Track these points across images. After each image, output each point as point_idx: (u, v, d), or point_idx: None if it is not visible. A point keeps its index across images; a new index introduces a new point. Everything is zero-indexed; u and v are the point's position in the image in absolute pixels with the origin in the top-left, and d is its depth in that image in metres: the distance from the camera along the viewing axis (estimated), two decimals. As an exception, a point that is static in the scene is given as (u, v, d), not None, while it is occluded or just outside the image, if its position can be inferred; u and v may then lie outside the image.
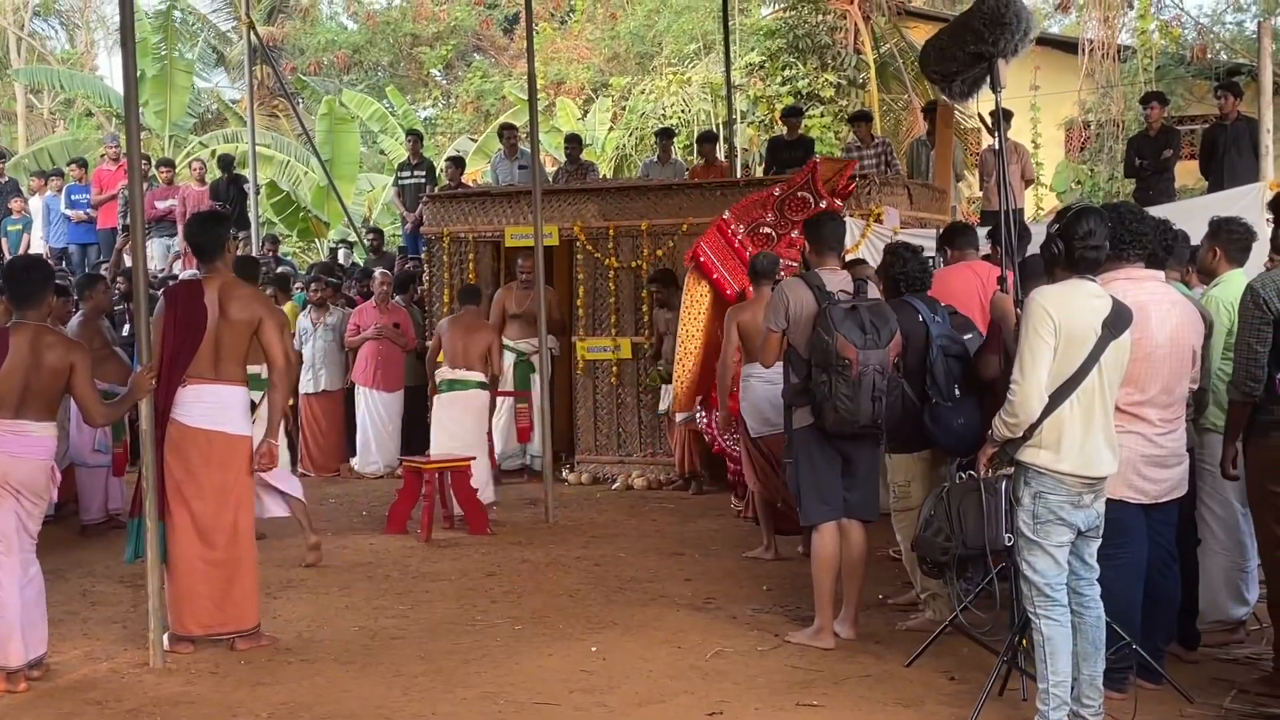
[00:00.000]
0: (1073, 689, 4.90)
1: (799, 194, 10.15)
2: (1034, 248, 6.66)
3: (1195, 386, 5.63)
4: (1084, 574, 4.99)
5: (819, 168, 10.28)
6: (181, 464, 6.36)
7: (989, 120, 12.07)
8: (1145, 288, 5.28)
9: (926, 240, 8.95)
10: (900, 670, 5.95)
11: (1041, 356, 4.82)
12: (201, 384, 6.39)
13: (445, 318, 11.08)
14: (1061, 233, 4.97)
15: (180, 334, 6.36)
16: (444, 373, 10.33)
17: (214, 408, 6.42)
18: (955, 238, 7.90)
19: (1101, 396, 4.88)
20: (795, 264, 8.75)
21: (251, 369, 6.89)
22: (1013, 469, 4.98)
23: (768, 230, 10.13)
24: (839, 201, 9.96)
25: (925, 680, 5.81)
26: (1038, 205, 19.40)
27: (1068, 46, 21.50)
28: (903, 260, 6.63)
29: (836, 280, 6.41)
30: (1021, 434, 4.87)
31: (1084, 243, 4.89)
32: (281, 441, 7.40)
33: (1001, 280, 6.07)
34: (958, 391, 6.19)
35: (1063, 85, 20.76)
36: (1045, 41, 19.87)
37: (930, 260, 7.84)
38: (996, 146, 10.10)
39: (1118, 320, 4.87)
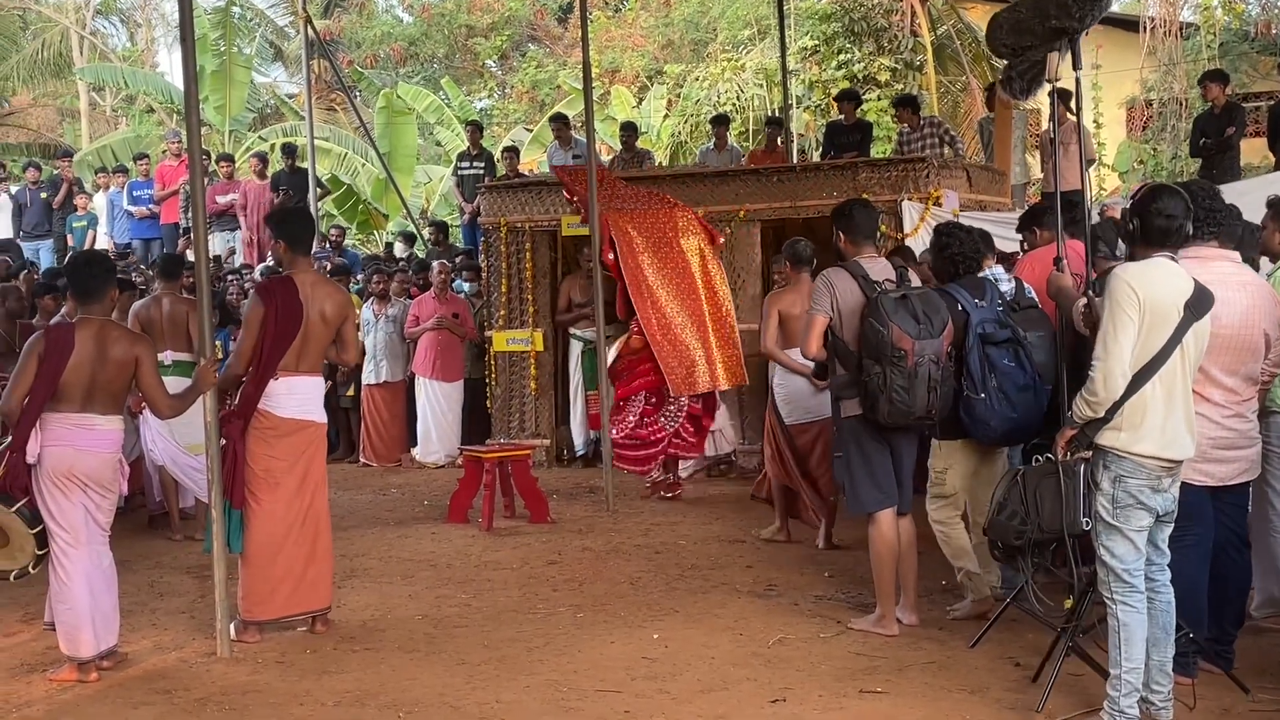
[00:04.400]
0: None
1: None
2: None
3: (1276, 372, 5.49)
4: (1156, 559, 4.92)
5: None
6: (269, 453, 6.50)
7: (1058, 99, 11.94)
8: (1213, 268, 5.16)
9: (992, 225, 8.72)
10: (964, 656, 5.90)
11: (1125, 333, 4.72)
12: (291, 376, 6.54)
13: None
14: (1136, 209, 4.88)
15: (279, 328, 6.47)
16: None
17: (305, 399, 6.63)
18: (1045, 216, 7.34)
19: (1183, 379, 4.79)
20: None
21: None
22: (1091, 452, 4.90)
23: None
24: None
25: (990, 666, 5.76)
26: (1099, 185, 19.16)
27: (1129, 24, 21.21)
28: (958, 240, 6.51)
29: (877, 269, 6.30)
30: (1103, 414, 4.78)
31: (1159, 217, 4.80)
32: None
33: (1058, 260, 5.99)
34: (993, 382, 6.12)
35: (1124, 64, 20.49)
36: (1107, 20, 19.56)
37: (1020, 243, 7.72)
38: (1076, 124, 10.03)
39: (1200, 302, 4.78)
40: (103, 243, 16.90)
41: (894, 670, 5.76)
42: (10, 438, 5.91)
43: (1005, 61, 6.61)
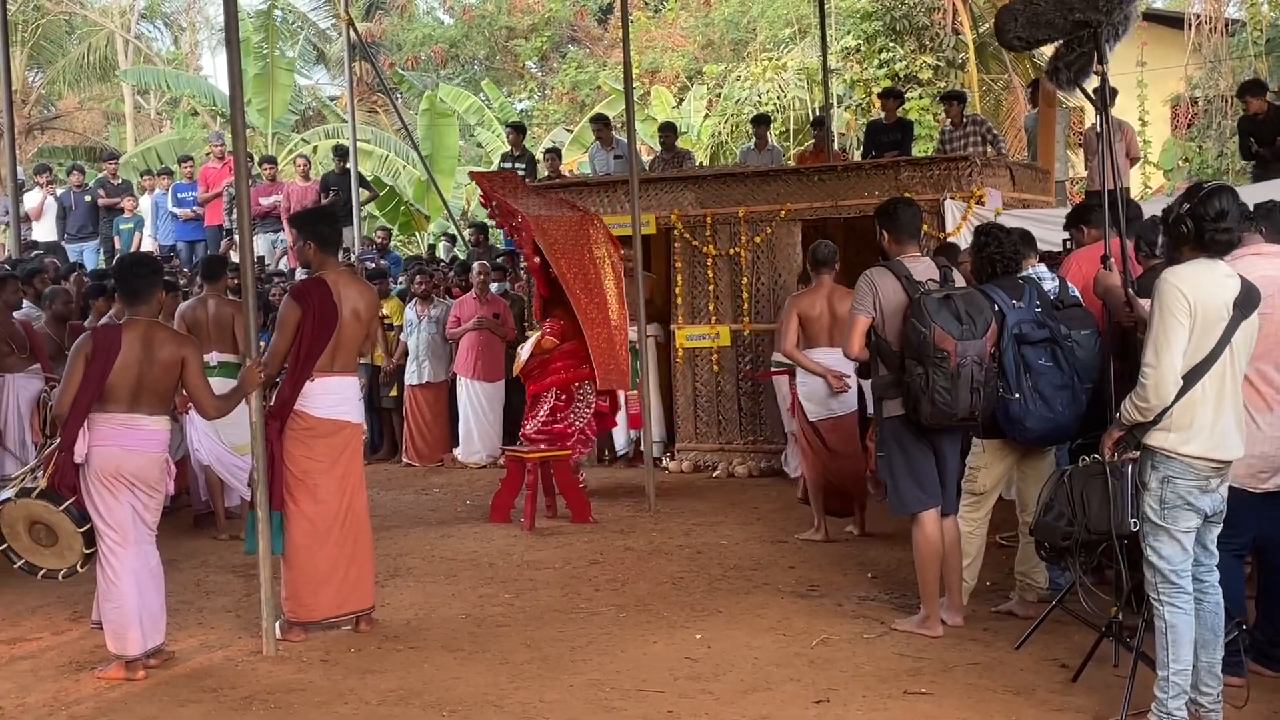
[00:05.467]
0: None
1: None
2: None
3: None
4: (1205, 560, 4.87)
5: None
6: (307, 454, 6.53)
7: (1094, 97, 11.86)
8: (1276, 264, 5.12)
9: (1035, 224, 8.66)
10: (1010, 657, 5.87)
11: (1176, 338, 4.67)
12: (327, 377, 6.58)
13: None
14: (1192, 213, 4.80)
15: (316, 330, 6.51)
16: None
17: (340, 399, 6.66)
18: (1093, 214, 7.24)
19: (1233, 378, 4.74)
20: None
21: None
22: (1138, 453, 4.86)
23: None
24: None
25: (1036, 668, 5.72)
26: (1145, 183, 19.00)
27: (1174, 21, 21.02)
28: (996, 241, 6.48)
29: (920, 268, 6.25)
30: (1152, 419, 4.74)
31: (1215, 225, 4.71)
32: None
33: (1105, 259, 5.94)
34: (1029, 382, 6.08)
35: (1169, 61, 20.30)
36: (1151, 17, 19.47)
37: (1064, 241, 7.67)
38: (1099, 125, 9.90)
39: (1247, 299, 4.72)
40: (148, 245, 17.06)
41: (938, 671, 5.73)
42: (59, 438, 5.98)
43: (1051, 53, 6.48)
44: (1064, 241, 7.72)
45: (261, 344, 6.53)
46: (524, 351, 10.04)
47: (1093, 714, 5.11)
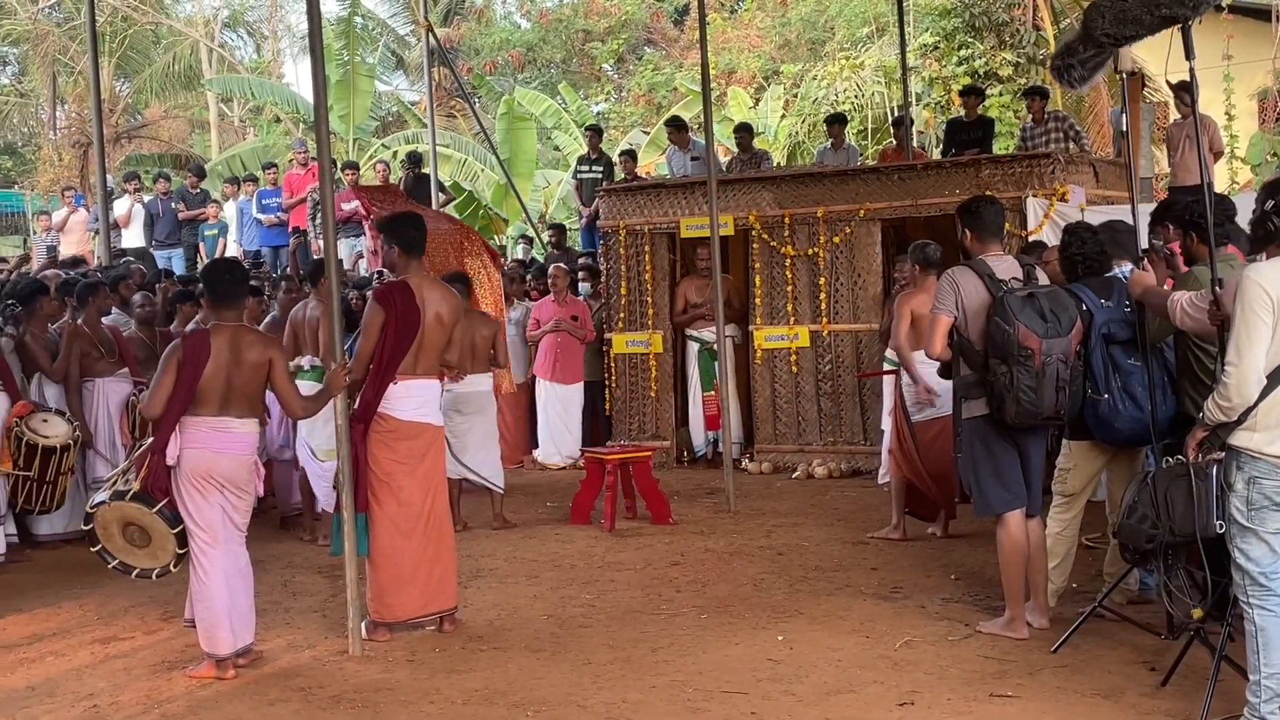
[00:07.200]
0: None
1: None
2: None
3: None
4: (1293, 561, 4.78)
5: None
6: (391, 456, 6.60)
7: (1177, 91, 11.67)
8: None
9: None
10: (1097, 659, 5.80)
11: (1259, 337, 4.58)
12: (410, 379, 6.64)
13: None
14: (1276, 209, 4.72)
15: (399, 333, 6.59)
16: None
17: (423, 401, 6.72)
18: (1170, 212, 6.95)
19: None
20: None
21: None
22: (1224, 453, 4.78)
23: None
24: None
25: (1125, 671, 5.64)
26: (1232, 179, 18.67)
27: (1261, 14, 20.59)
28: (1080, 241, 6.43)
29: (1004, 267, 6.19)
30: (1235, 418, 4.67)
31: None
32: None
33: (1138, 260, 5.90)
34: (1117, 382, 6.00)
35: (1256, 54, 19.89)
36: (1237, 10, 19.08)
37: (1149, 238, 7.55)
38: (1182, 119, 9.76)
39: None
40: (233, 250, 17.32)
41: (1024, 674, 5.67)
42: (151, 441, 6.11)
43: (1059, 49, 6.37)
44: (1149, 238, 7.60)
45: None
46: None
47: (1183, 718, 5.03)
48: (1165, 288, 5.93)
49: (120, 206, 17.24)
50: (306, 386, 6.89)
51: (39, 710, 5.74)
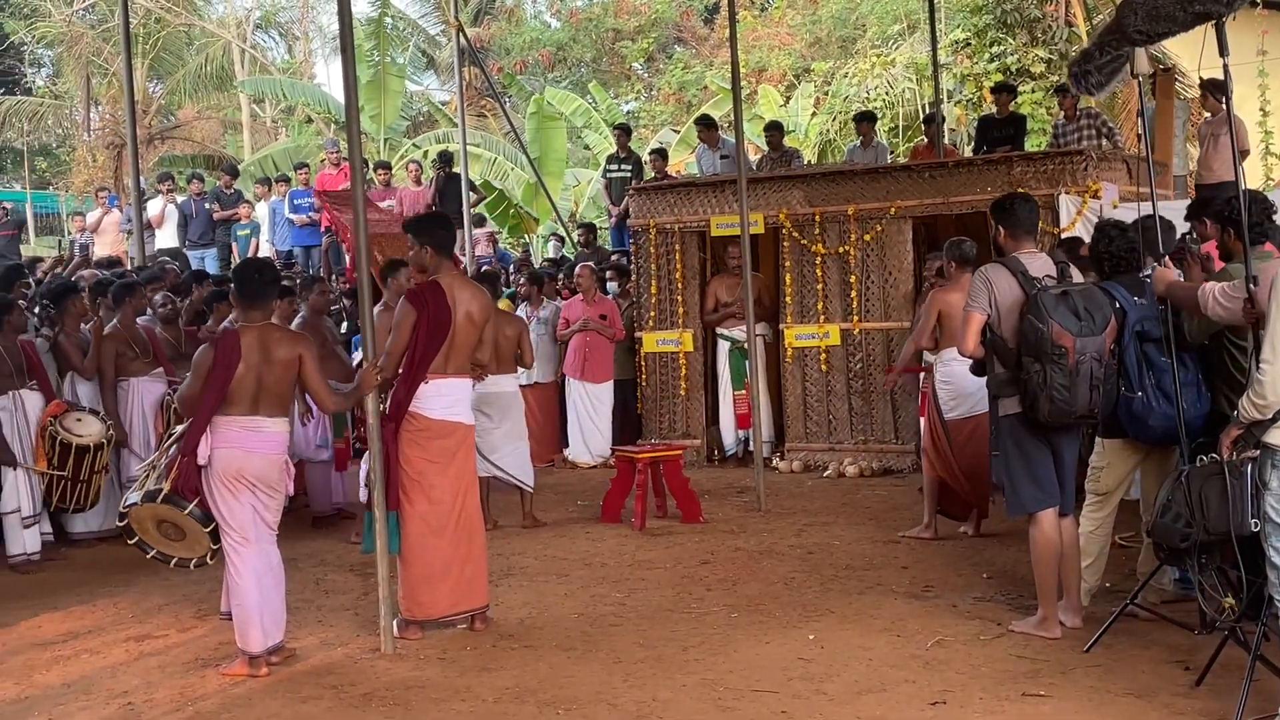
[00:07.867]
0: None
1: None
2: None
3: None
4: (1329, 560, 4.74)
5: None
6: (422, 455, 6.62)
7: (1208, 88, 11.58)
8: None
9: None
10: (1130, 659, 5.75)
11: None
12: (441, 379, 6.65)
13: None
14: None
15: (430, 332, 6.60)
16: None
17: (454, 400, 6.74)
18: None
19: None
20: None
21: None
22: (1258, 451, 4.74)
23: None
24: None
25: (1158, 670, 5.60)
26: (1267, 175, 18.51)
27: (1296, 8, 20.41)
28: (1109, 239, 6.39)
29: (1037, 264, 6.15)
30: (1270, 415, 4.63)
31: None
32: None
33: (1160, 257, 5.86)
34: (1150, 380, 5.97)
35: (1292, 49, 19.71)
36: (1272, 4, 18.89)
37: (1184, 236, 7.50)
38: (1212, 115, 9.69)
39: None
40: (265, 250, 17.40)
41: (1057, 673, 5.64)
42: (183, 441, 6.15)
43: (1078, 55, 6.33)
44: (1184, 235, 7.55)
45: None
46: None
47: (1217, 718, 4.99)
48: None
49: (153, 207, 17.35)
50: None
51: (74, 707, 5.78)
